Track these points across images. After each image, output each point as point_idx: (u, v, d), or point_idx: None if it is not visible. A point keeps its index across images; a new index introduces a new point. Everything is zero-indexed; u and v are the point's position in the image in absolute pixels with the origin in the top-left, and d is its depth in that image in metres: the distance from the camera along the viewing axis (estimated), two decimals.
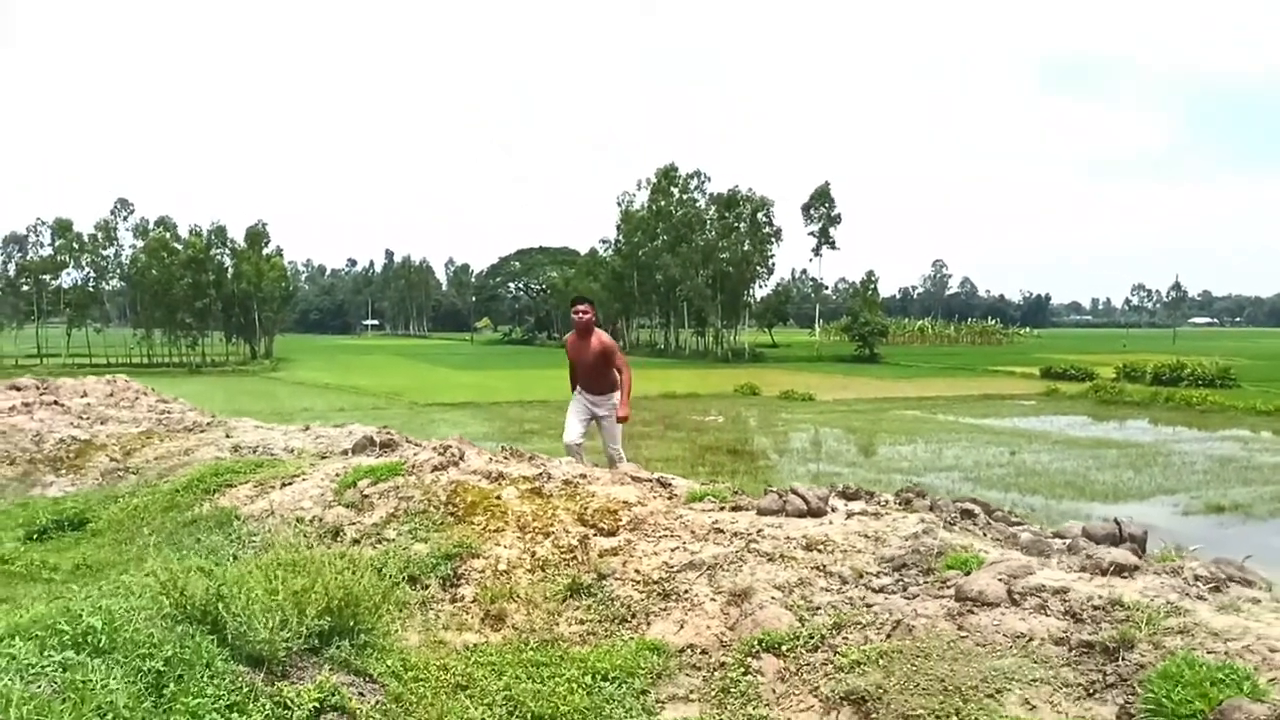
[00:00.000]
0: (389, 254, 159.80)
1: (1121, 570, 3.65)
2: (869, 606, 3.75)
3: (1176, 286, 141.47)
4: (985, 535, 4.55)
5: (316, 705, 3.39)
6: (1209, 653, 2.83)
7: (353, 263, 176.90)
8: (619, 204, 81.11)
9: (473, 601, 4.63)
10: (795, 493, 5.04)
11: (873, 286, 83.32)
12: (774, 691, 3.47)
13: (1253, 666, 2.72)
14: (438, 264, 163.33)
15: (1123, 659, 2.95)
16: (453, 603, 4.66)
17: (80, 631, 3.17)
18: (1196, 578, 3.54)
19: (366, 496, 5.68)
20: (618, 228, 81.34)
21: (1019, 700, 2.94)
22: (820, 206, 77.16)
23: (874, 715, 3.11)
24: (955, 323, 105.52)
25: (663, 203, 77.25)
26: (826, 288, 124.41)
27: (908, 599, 3.72)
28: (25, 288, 75.88)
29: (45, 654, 2.98)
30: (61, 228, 75.94)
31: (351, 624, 4.02)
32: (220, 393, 37.26)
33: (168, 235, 77.11)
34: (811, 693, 3.37)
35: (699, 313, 77.85)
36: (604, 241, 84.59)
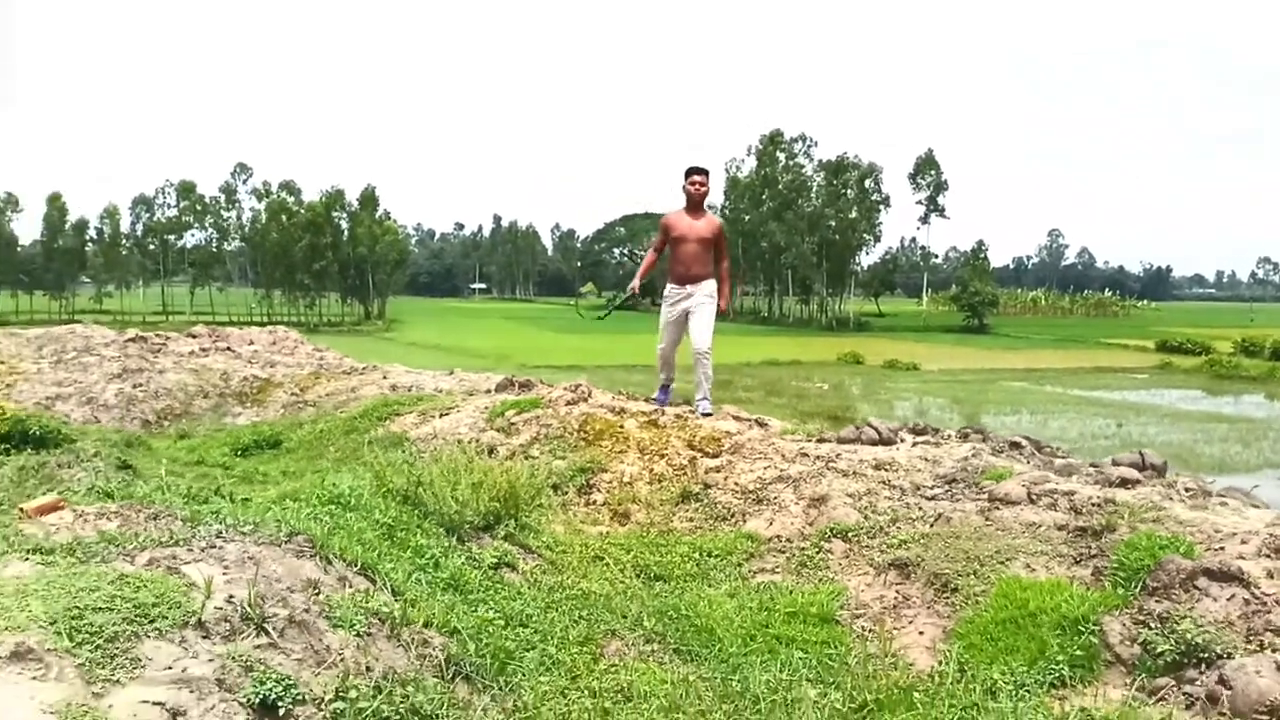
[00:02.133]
0: (496, 218, 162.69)
1: (1125, 483, 4.52)
2: (920, 508, 4.73)
3: None
4: (1028, 462, 5.44)
5: (495, 561, 4.56)
6: (1169, 532, 3.73)
7: (460, 226, 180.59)
8: (726, 170, 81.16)
9: (603, 504, 5.76)
10: (870, 425, 6.02)
11: (983, 255, 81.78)
12: (840, 564, 4.50)
13: (1196, 541, 3.61)
14: (544, 229, 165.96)
15: (1105, 538, 3.87)
16: (587, 505, 5.80)
17: (333, 495, 4.40)
18: (1185, 489, 4.40)
19: (513, 424, 6.87)
20: (725, 194, 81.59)
21: (1022, 565, 3.89)
22: (927, 174, 75.92)
23: (912, 575, 4.11)
24: (1070, 294, 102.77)
25: (768, 169, 77.12)
26: (936, 256, 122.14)
27: (951, 502, 4.68)
28: (152, 247, 79.51)
29: (313, 507, 4.21)
30: (186, 189, 79.10)
31: (513, 511, 5.19)
32: (340, 351, 39.57)
33: (290, 199, 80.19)
34: (868, 563, 4.38)
35: (804, 281, 77.76)
36: (710, 208, 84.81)
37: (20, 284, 76.12)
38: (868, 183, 75.00)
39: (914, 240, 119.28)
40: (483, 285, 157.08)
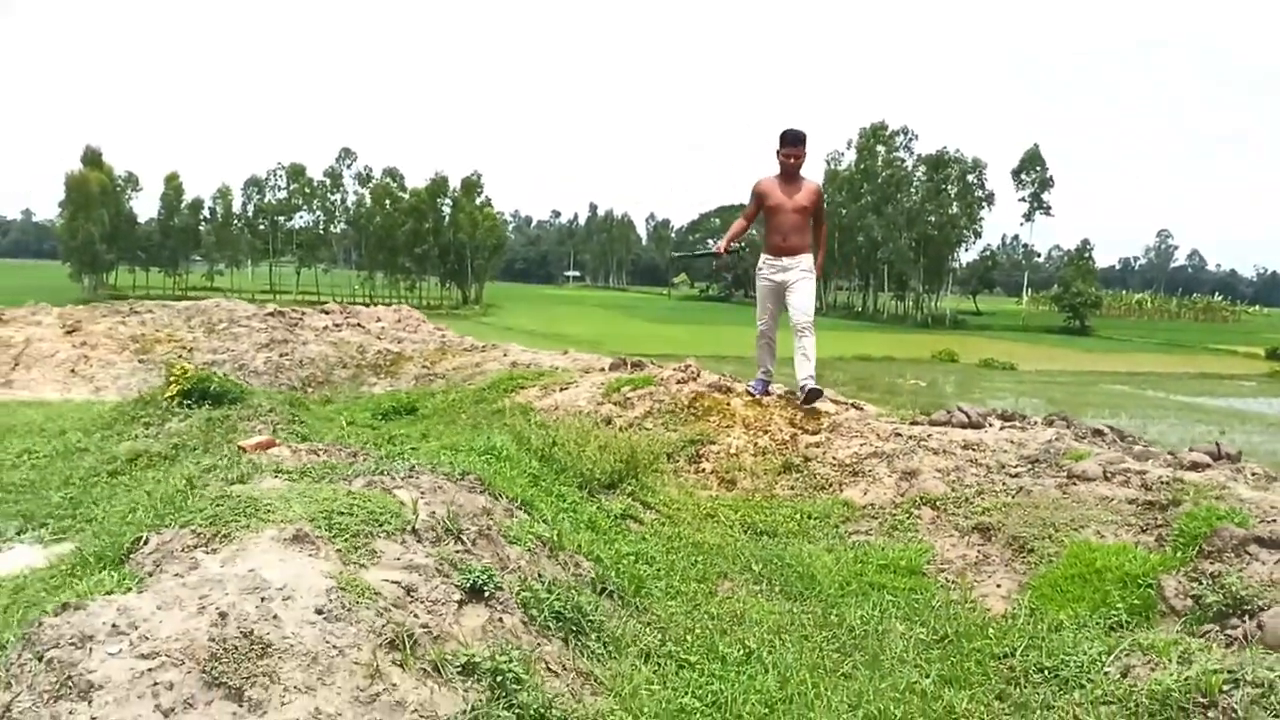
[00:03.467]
0: (592, 207, 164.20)
1: (1196, 466, 4.95)
2: (1004, 483, 5.23)
3: None
4: (1109, 448, 5.86)
5: (621, 512, 5.23)
6: (1228, 507, 4.17)
7: (557, 214, 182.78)
8: (828, 162, 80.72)
9: (711, 472, 6.38)
10: (961, 409, 6.52)
11: (1088, 255, 79.80)
12: (927, 528, 5.03)
13: (1251, 514, 4.05)
14: (639, 219, 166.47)
15: (1170, 511, 4.32)
16: (696, 472, 6.43)
17: (487, 448, 5.13)
18: (1253, 473, 4.81)
19: (628, 398, 7.54)
20: (823, 187, 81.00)
21: (1093, 532, 4.38)
22: (1031, 170, 74.33)
23: (993, 538, 4.63)
24: (1178, 297, 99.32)
25: (868, 162, 76.53)
26: (1039, 255, 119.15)
27: (1033, 478, 5.17)
28: (262, 227, 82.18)
29: (470, 457, 4.93)
30: (295, 172, 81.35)
31: (634, 473, 5.85)
32: None
33: (394, 184, 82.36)
34: (953, 528, 4.91)
35: (899, 276, 76.99)
36: None
37: (138, 260, 79.73)
38: (970, 178, 73.85)
39: (1016, 238, 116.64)
40: (577, 273, 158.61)
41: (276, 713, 2.30)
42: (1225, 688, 2.75)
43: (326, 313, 14.01)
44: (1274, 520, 3.96)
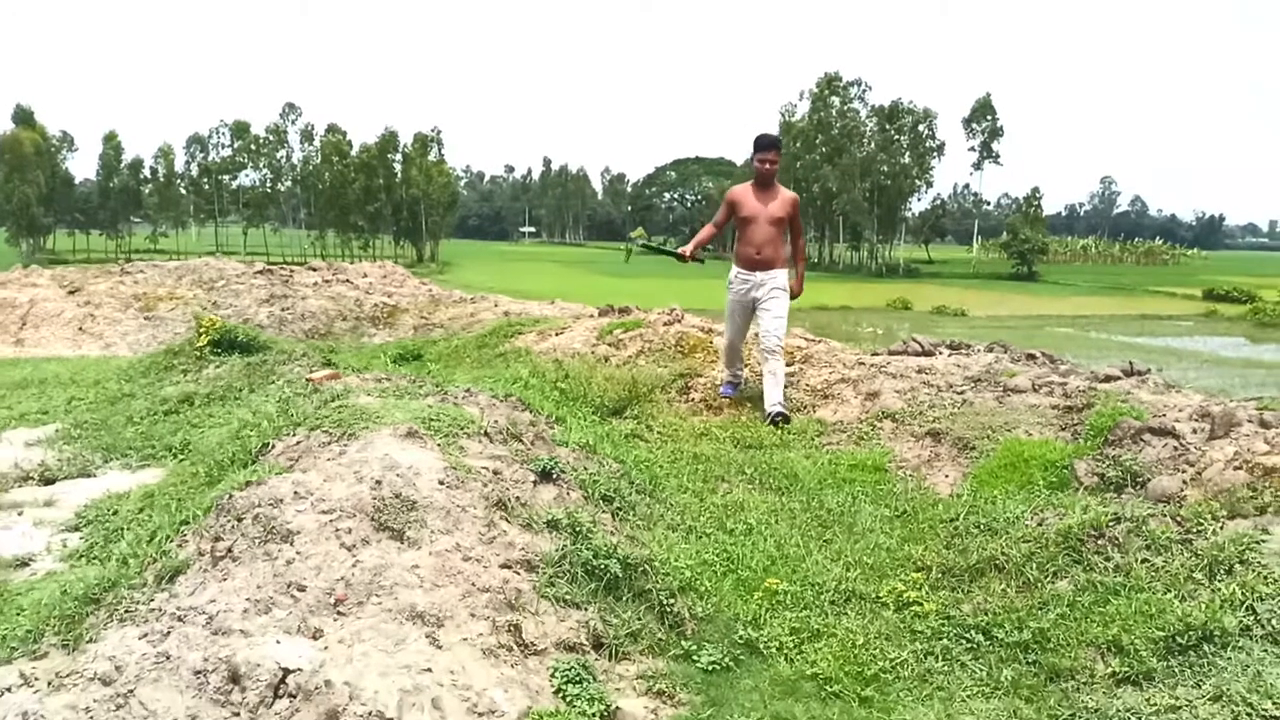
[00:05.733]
0: (546, 161, 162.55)
1: (1109, 379, 5.95)
2: (951, 398, 6.21)
3: None
4: (1039, 367, 6.87)
5: (629, 432, 6.13)
6: (1129, 406, 5.17)
7: (511, 169, 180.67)
8: (782, 114, 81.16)
9: (700, 401, 7.29)
10: (915, 340, 7.49)
11: (1036, 203, 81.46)
12: (888, 437, 6.00)
13: (1148, 411, 5.05)
14: (594, 173, 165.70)
15: (1084, 413, 5.32)
16: (686, 402, 7.33)
17: (512, 378, 5.99)
18: (1155, 384, 5.82)
19: (620, 340, 8.41)
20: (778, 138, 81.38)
21: (1023, 431, 5.36)
22: (983, 119, 75.63)
23: (942, 440, 5.60)
24: (1121, 242, 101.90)
25: (822, 114, 77.22)
26: (988, 203, 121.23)
27: (975, 393, 6.15)
28: (206, 187, 79.66)
29: (500, 385, 5.79)
30: (240, 129, 79.04)
31: (635, 401, 6.74)
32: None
33: (342, 139, 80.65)
34: (910, 435, 5.88)
35: (854, 227, 78.13)
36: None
37: (76, 223, 77.52)
38: (921, 128, 74.95)
39: (966, 186, 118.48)
40: (532, 229, 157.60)
41: (429, 545, 3.18)
42: (1110, 523, 3.72)
43: (314, 269, 14.67)
44: (1163, 415, 4.96)
